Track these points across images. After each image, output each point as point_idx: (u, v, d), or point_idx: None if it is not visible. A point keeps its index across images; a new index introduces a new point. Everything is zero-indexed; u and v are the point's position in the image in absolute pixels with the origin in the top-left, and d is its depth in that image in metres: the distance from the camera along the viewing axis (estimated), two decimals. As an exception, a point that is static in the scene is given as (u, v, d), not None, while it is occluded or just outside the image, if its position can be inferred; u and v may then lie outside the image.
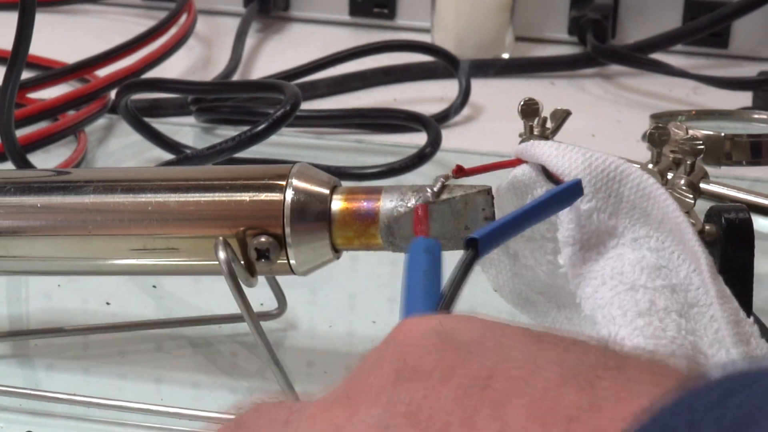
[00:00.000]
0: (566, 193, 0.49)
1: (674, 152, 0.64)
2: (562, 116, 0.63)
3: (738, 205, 0.57)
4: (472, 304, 0.60)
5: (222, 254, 0.52)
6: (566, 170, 0.50)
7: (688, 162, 0.61)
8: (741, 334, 0.46)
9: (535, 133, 0.65)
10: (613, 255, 0.50)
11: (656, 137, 0.63)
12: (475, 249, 0.44)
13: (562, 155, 0.51)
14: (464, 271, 0.43)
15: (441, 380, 0.30)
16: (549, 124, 0.65)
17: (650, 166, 0.61)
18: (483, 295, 0.58)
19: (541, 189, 0.52)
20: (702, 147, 0.61)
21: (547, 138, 0.64)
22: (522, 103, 0.66)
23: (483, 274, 0.58)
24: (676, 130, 0.64)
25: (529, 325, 0.33)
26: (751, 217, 0.56)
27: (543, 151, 0.51)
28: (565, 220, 0.50)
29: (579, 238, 0.50)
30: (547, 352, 0.30)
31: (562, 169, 0.50)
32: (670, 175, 0.61)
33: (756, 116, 0.75)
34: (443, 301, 0.41)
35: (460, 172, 0.53)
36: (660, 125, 0.65)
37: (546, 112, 0.75)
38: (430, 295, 0.41)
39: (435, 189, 0.52)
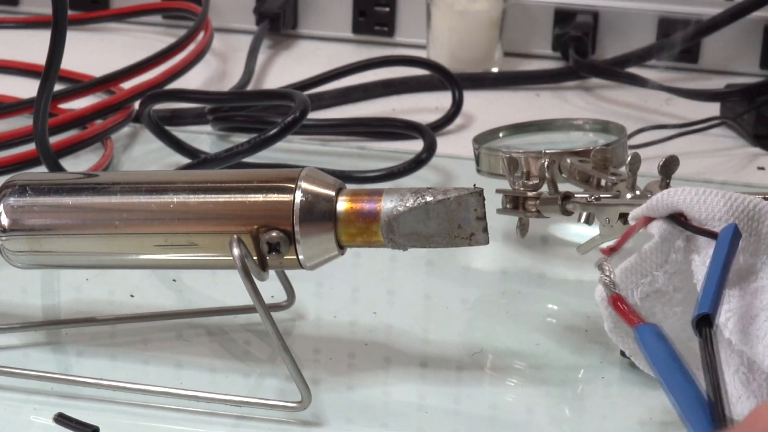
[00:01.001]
0: (734, 240, 0.47)
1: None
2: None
3: None
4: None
5: (236, 251, 0.52)
6: (709, 217, 0.48)
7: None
8: None
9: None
10: (756, 289, 0.47)
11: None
12: (709, 324, 0.43)
13: (704, 200, 0.48)
14: (713, 351, 0.42)
15: None
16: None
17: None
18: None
19: (681, 240, 0.49)
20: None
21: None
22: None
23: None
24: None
25: None
26: None
27: (682, 198, 0.49)
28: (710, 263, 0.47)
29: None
30: None
31: (705, 215, 0.48)
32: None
33: (576, 123, 0.73)
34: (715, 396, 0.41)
35: (612, 251, 0.51)
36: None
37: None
38: (688, 378, 0.42)
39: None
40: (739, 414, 0.50)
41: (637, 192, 0.60)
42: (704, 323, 0.43)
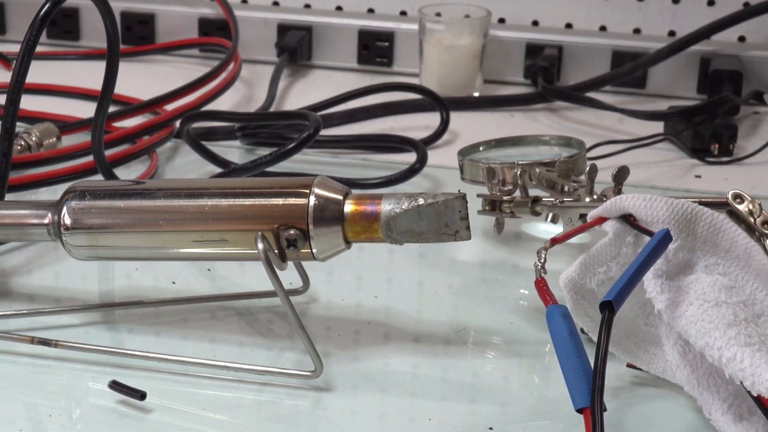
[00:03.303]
0: (662, 242, 0.47)
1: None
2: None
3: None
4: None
5: (260, 245, 0.52)
6: (654, 219, 0.48)
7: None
8: None
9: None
10: (691, 281, 0.48)
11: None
12: (611, 310, 0.42)
13: (650, 206, 0.48)
14: (607, 331, 0.42)
15: None
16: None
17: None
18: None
19: (631, 236, 0.49)
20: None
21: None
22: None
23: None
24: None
25: None
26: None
27: (632, 202, 0.49)
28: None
29: (665, 270, 0.48)
30: None
31: (651, 218, 0.48)
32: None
33: (544, 139, 0.72)
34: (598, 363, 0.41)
35: (555, 242, 0.50)
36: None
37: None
38: (580, 353, 0.42)
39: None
40: (679, 380, 0.50)
41: (595, 196, 0.60)
42: (606, 307, 0.43)
